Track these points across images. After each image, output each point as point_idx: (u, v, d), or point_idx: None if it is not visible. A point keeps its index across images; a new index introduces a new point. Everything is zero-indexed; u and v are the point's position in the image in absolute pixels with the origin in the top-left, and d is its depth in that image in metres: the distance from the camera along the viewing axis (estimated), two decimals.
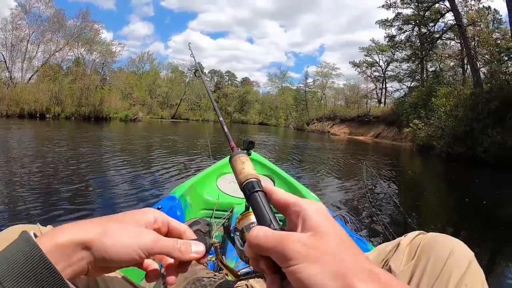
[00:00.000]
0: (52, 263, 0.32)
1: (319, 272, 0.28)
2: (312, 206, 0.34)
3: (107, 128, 18.00)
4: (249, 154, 2.79)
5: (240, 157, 0.49)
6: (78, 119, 24.43)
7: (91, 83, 27.78)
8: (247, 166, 0.47)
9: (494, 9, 22.88)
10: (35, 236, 0.34)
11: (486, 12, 21.88)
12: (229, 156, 0.51)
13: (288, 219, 0.37)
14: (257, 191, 0.41)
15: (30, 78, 27.79)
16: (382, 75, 41.38)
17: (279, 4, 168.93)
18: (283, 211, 0.38)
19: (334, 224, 0.32)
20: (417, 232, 0.68)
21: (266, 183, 0.42)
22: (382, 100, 41.15)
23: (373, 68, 42.43)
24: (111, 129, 17.49)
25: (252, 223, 0.44)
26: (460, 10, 20.98)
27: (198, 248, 0.42)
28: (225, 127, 0.73)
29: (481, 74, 17.79)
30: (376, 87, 42.55)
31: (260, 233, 0.33)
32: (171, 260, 0.43)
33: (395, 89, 40.26)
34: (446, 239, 0.61)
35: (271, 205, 0.40)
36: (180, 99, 53.55)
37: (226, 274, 0.99)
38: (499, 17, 22.90)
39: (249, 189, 0.42)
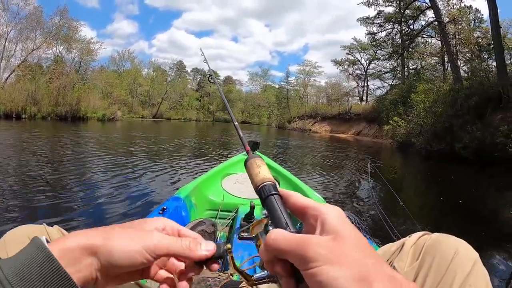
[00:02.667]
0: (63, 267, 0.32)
1: (340, 275, 0.27)
2: (330, 211, 0.34)
3: (85, 128, 17.60)
4: None
5: (255, 161, 0.48)
6: (54, 119, 23.76)
7: (68, 82, 27.03)
8: (263, 169, 0.46)
9: (476, 8, 23.22)
10: (47, 241, 0.34)
11: (468, 11, 22.21)
12: (244, 159, 0.50)
13: (305, 223, 0.37)
14: (273, 194, 0.41)
15: (7, 78, 26.92)
16: (364, 73, 42.10)
17: (265, 3, 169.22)
18: (300, 215, 0.37)
19: (354, 228, 0.32)
20: (421, 232, 0.68)
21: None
22: (364, 98, 41.86)
23: (355, 66, 43.21)
24: (88, 129, 17.05)
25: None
26: (442, 9, 21.27)
27: (208, 246, 0.40)
28: (239, 131, 0.73)
29: (461, 71, 17.93)
30: (358, 85, 43.27)
31: (279, 236, 0.33)
32: (182, 266, 0.42)
33: (377, 86, 41.11)
34: (451, 240, 0.61)
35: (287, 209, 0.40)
36: (162, 98, 52.86)
37: (231, 274, 1.04)
38: (480, 16, 23.22)
39: (265, 192, 0.42)
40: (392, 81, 35.58)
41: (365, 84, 42.38)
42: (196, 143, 13.32)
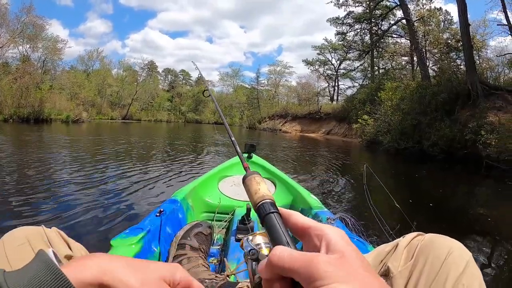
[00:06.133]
0: None
1: None
2: (334, 231, 0.34)
3: (48, 130, 16.87)
4: (250, 157, 2.86)
5: (255, 178, 0.49)
6: (16, 122, 22.68)
7: (31, 82, 25.83)
8: (262, 187, 0.46)
9: (446, 10, 23.61)
10: (56, 257, 0.34)
11: (438, 12, 22.64)
12: (242, 176, 0.52)
13: (305, 243, 0.37)
14: (272, 213, 0.41)
15: None
16: (335, 73, 42.85)
17: (240, 5, 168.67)
18: (300, 235, 0.38)
19: (357, 249, 0.33)
20: (415, 233, 0.69)
21: (268, 186, 0.43)
22: (335, 97, 42.40)
23: (326, 67, 43.77)
24: (52, 132, 16.32)
25: (258, 244, 0.42)
26: (411, 9, 21.36)
27: None
28: (237, 147, 0.74)
29: (430, 70, 17.98)
30: (328, 85, 44.02)
31: (284, 253, 0.33)
32: None
33: (347, 86, 42.07)
34: (444, 240, 0.63)
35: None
36: (132, 98, 51.58)
37: (228, 276, 1.06)
38: (450, 18, 23.54)
39: (264, 210, 0.42)
40: (363, 81, 36.25)
41: (336, 84, 43.19)
42: (173, 144, 13.15)
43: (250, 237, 0.43)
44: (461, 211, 4.68)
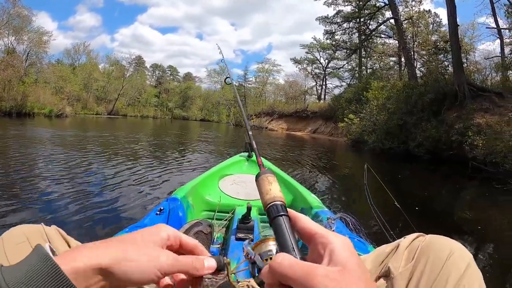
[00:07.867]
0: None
1: None
2: (339, 240, 0.34)
3: (31, 125, 16.47)
4: (250, 156, 2.85)
5: (267, 177, 0.48)
6: None
7: (14, 75, 25.19)
8: (274, 187, 0.46)
9: (435, 12, 23.96)
10: (52, 252, 0.34)
11: (427, 14, 22.94)
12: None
13: (311, 248, 0.37)
14: (281, 215, 0.41)
15: None
16: (323, 72, 43.06)
17: (232, 2, 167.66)
18: (307, 239, 0.38)
19: (360, 261, 0.33)
20: (416, 234, 0.69)
21: None
22: (322, 96, 42.44)
23: (314, 65, 43.93)
24: (35, 126, 16.00)
25: (270, 250, 0.43)
26: (401, 11, 21.52)
27: (210, 263, 0.43)
28: (253, 142, 0.75)
29: (417, 72, 18.07)
30: (316, 84, 44.25)
31: (285, 262, 0.33)
32: (183, 276, 0.43)
33: (335, 85, 42.38)
34: (445, 241, 0.62)
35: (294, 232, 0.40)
36: (118, 94, 50.79)
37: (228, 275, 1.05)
38: (439, 20, 23.88)
39: (273, 212, 0.42)
40: (350, 81, 36.35)
41: (324, 83, 43.28)
42: (166, 140, 13.05)
43: (251, 245, 0.43)
44: (446, 214, 4.64)
